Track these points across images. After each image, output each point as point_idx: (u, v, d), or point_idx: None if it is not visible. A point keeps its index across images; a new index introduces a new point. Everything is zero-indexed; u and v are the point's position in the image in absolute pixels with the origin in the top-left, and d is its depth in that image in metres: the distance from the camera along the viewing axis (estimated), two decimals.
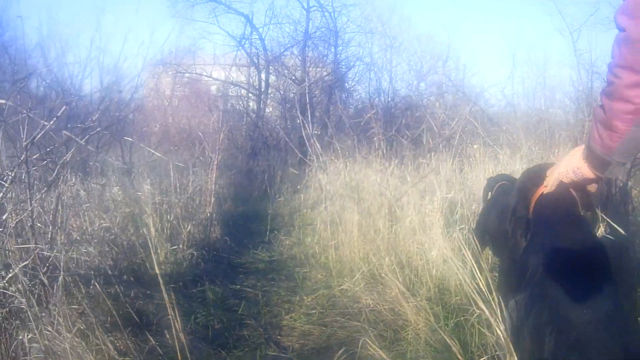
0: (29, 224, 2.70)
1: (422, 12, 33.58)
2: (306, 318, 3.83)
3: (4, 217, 2.63)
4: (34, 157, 2.78)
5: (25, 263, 2.48)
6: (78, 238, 3.43)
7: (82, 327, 2.74)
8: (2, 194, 2.56)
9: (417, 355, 3.17)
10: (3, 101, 2.54)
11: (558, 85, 11.94)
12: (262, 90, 13.01)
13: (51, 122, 2.53)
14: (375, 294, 4.01)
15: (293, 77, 13.01)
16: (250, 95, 13.53)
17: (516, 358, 1.96)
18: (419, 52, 14.19)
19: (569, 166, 2.04)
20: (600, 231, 2.92)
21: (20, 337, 2.46)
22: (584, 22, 12.61)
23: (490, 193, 4.04)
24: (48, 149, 3.02)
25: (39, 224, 2.87)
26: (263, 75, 13.28)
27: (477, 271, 2.53)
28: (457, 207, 5.26)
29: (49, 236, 2.85)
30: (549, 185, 2.22)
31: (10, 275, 2.44)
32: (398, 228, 4.81)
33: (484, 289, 2.39)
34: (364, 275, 4.34)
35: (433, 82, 13.07)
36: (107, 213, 4.33)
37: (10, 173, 2.61)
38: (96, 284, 3.08)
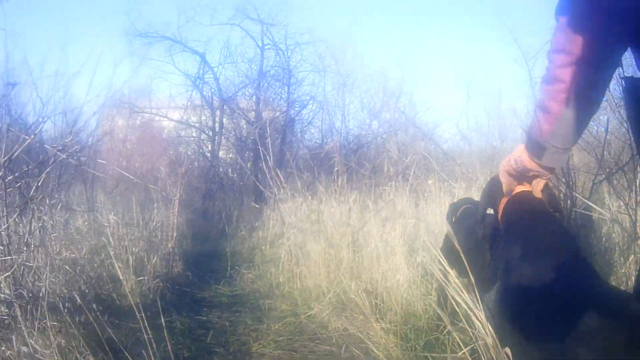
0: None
1: (375, 48, 34.00)
2: (275, 344, 3.80)
3: None
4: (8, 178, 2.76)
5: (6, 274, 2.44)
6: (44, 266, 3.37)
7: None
8: None
9: None
10: None
11: (513, 116, 12.23)
12: (217, 131, 13.02)
13: (32, 137, 2.52)
14: (343, 319, 4.05)
15: (247, 118, 13.06)
16: (204, 136, 13.52)
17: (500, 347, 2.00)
18: (372, 89, 14.36)
19: (511, 156, 2.05)
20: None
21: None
22: (540, 49, 13.00)
23: (454, 217, 4.13)
24: (24, 169, 3.00)
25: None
26: (218, 115, 13.29)
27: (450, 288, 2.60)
28: (418, 236, 5.37)
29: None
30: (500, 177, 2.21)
31: None
32: (361, 256, 4.87)
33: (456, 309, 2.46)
34: (330, 301, 4.37)
35: (386, 119, 13.24)
36: (73, 244, 4.29)
37: None
38: (65, 310, 3.04)
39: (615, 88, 4.30)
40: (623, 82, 1.75)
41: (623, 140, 5.07)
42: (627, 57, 1.81)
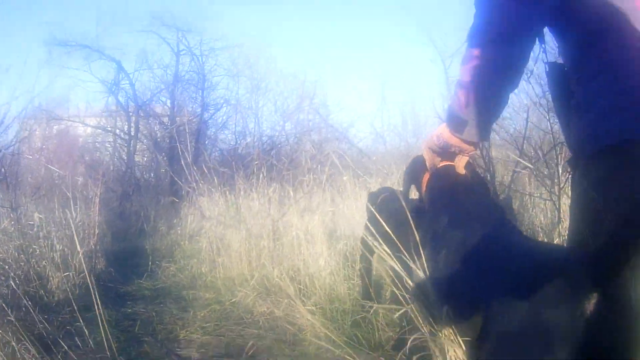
0: None
1: (289, 51, 34.06)
2: (202, 330, 3.85)
3: None
4: None
5: None
6: None
7: None
8: None
9: (320, 351, 3.27)
10: None
11: (427, 116, 12.54)
12: (132, 135, 12.84)
13: None
14: (268, 303, 4.11)
15: (161, 122, 12.97)
16: (120, 141, 13.30)
17: None
18: (285, 92, 14.55)
19: (433, 133, 2.07)
20: None
21: None
22: (457, 49, 13.42)
23: (374, 205, 4.28)
24: None
25: None
26: (134, 120, 13.13)
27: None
28: (337, 226, 5.55)
29: None
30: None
31: None
32: (282, 244, 4.97)
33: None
34: (254, 287, 4.44)
35: (299, 120, 13.39)
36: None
37: None
38: None
39: (535, 80, 4.58)
40: (546, 67, 1.92)
41: (545, 132, 5.36)
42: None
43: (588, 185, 1.63)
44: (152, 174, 12.03)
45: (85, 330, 3.34)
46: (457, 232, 1.83)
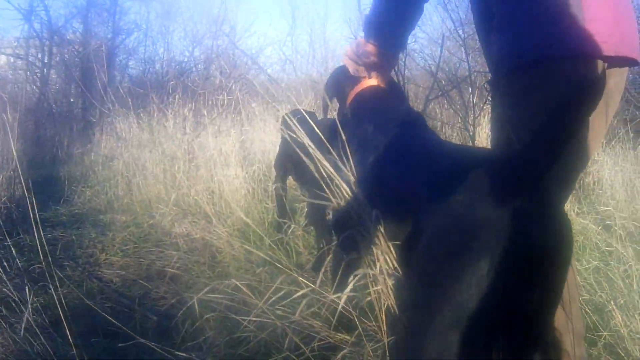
0: None
1: None
2: (122, 253, 3.97)
3: None
4: None
5: None
6: None
7: None
8: None
9: (239, 272, 3.41)
10: None
11: (337, 40, 12.59)
12: (46, 62, 12.33)
13: None
14: (187, 224, 4.23)
15: (74, 48, 12.50)
16: (34, 67, 12.76)
17: None
18: (195, 16, 14.23)
19: (353, 42, 2.14)
20: None
21: None
22: None
23: (286, 128, 4.38)
24: None
25: None
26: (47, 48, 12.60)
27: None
28: (250, 149, 5.66)
29: None
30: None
31: None
32: (197, 165, 5.06)
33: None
34: (171, 209, 4.52)
35: (208, 47, 13.14)
36: None
37: None
38: None
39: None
40: None
41: (460, 60, 5.49)
42: None
43: (508, 100, 1.72)
44: (64, 101, 11.66)
45: (5, 257, 3.39)
46: (383, 136, 1.88)
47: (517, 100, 1.66)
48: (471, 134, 4.30)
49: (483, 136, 5.16)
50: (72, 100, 11.88)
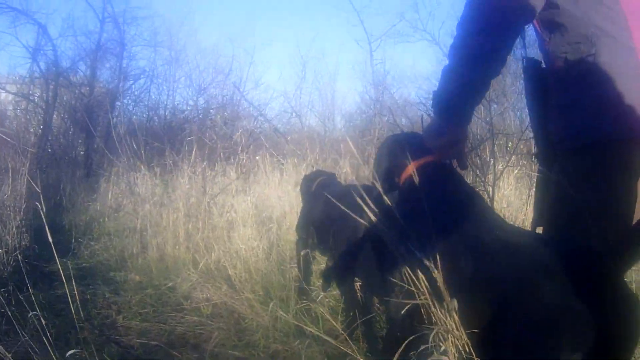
0: None
1: (209, 24, 33.35)
2: (140, 317, 3.76)
3: None
4: None
5: None
6: None
7: None
8: None
9: (268, 342, 3.25)
10: None
11: (346, 95, 12.90)
12: (50, 104, 12.28)
13: None
14: (209, 289, 4.05)
15: (80, 91, 12.48)
16: (38, 108, 12.68)
17: None
18: (201, 65, 14.38)
19: (430, 126, 2.14)
20: None
21: None
22: (387, 31, 13.67)
23: (308, 191, 4.28)
24: None
25: None
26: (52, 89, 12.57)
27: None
28: (266, 207, 5.53)
29: None
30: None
31: None
32: (215, 225, 4.91)
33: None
34: (189, 272, 4.36)
35: (213, 95, 13.19)
36: None
37: None
38: None
39: None
40: (524, 62, 2.09)
41: (483, 120, 5.50)
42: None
43: (566, 179, 1.83)
44: (67, 145, 11.53)
45: (19, 314, 3.22)
46: (451, 220, 1.88)
47: (578, 180, 1.81)
48: (490, 195, 4.27)
49: (501, 196, 5.19)
50: (75, 145, 11.70)
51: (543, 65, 2.10)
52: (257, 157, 7.85)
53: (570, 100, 1.86)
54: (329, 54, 36.07)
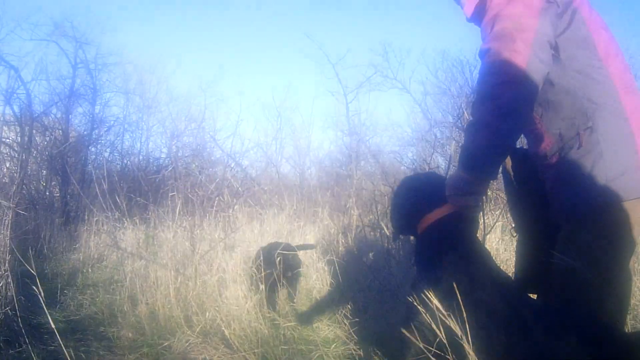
0: None
1: (180, 72, 33.52)
2: None
3: None
4: None
5: None
6: None
7: None
8: None
9: None
10: None
11: (322, 144, 13.21)
12: (25, 148, 12.15)
13: None
14: (208, 348, 4.08)
15: (54, 136, 12.41)
16: (13, 151, 12.51)
17: None
18: (174, 113, 14.51)
19: (452, 178, 2.18)
20: None
21: None
22: (362, 83, 14.13)
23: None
24: None
25: None
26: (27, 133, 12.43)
27: None
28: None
29: None
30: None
31: None
32: (205, 282, 4.95)
33: None
34: (184, 331, 4.36)
35: (186, 143, 13.29)
36: None
37: None
38: None
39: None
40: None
41: None
42: None
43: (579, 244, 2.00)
44: (46, 192, 11.41)
45: None
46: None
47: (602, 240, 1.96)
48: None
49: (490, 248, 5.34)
50: (52, 190, 11.57)
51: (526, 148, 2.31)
52: (235, 207, 7.88)
53: (570, 175, 2.03)
54: (303, 104, 36.65)
